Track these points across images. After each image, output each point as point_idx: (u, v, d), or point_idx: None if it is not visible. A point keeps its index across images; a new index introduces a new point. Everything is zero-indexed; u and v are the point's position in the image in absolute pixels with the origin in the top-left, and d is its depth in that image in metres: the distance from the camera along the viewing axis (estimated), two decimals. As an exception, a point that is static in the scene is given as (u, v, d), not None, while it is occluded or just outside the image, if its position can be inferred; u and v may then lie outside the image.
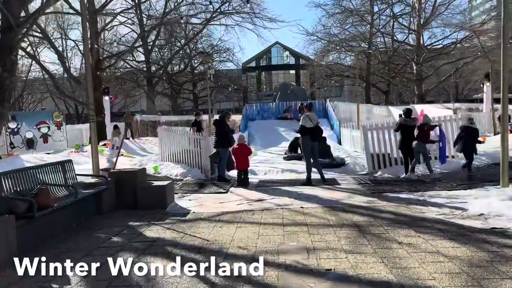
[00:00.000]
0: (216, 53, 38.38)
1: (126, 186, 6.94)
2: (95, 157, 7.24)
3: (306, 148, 8.90)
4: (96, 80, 21.34)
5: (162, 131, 12.41)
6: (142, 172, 7.21)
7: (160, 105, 42.33)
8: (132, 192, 6.90)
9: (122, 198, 6.91)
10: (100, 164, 12.65)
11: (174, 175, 10.69)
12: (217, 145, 9.70)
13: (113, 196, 6.82)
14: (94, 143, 7.32)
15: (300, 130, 8.95)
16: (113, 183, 6.88)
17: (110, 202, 6.71)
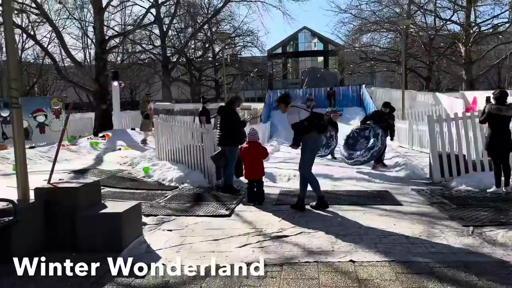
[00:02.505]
0: (239, 36, 35.47)
1: (62, 213, 4.26)
2: (21, 165, 4.57)
3: (312, 150, 5.67)
4: (100, 62, 19.00)
5: (159, 123, 9.72)
6: (89, 190, 4.49)
7: (183, 94, 39.95)
8: (71, 223, 4.21)
9: (55, 232, 4.24)
10: (85, 164, 10.22)
11: (168, 179, 8.01)
12: (222, 142, 6.95)
13: (38, 230, 4.15)
14: (19, 141, 4.65)
15: (296, 130, 5.56)
16: (41, 208, 4.21)
17: (30, 240, 4.04)
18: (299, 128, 5.51)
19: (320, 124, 5.59)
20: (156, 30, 31.14)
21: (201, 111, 10.28)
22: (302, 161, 5.68)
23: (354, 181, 7.62)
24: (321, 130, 5.66)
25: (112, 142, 14.01)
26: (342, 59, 36.86)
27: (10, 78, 4.56)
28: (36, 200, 4.26)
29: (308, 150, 5.62)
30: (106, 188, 7.33)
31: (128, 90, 43.38)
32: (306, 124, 5.47)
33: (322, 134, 5.79)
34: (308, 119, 5.53)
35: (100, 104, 18.97)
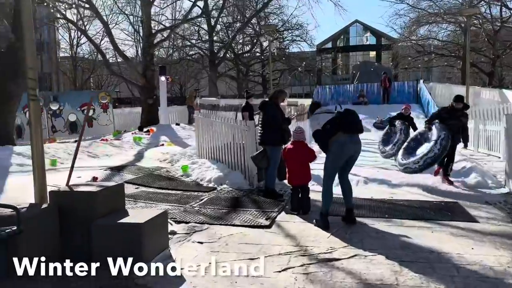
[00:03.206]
0: (287, 30, 34.59)
1: (77, 220, 3.74)
2: (38, 166, 4.08)
3: (336, 155, 4.66)
4: (148, 57, 18.91)
5: (200, 119, 9.17)
6: (109, 194, 3.92)
7: (230, 89, 39.73)
8: (87, 233, 3.68)
9: (70, 242, 3.73)
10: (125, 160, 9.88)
11: (207, 180, 7.41)
12: (264, 141, 6.23)
13: (50, 239, 3.64)
14: (36, 138, 4.18)
15: (316, 139, 4.82)
16: (55, 214, 3.70)
17: (39, 252, 3.53)
18: (320, 135, 4.73)
19: (347, 121, 4.65)
20: (205, 25, 30.98)
21: (244, 107, 9.61)
22: (324, 168, 4.84)
23: (415, 189, 6.63)
24: (350, 129, 4.66)
25: (155, 137, 13.73)
26: (396, 53, 34.97)
27: (27, 66, 4.08)
28: (50, 205, 3.75)
29: (330, 155, 4.70)
30: (141, 187, 6.87)
31: (178, 85, 43.81)
32: (329, 127, 4.65)
33: (353, 135, 4.67)
34: (330, 121, 4.70)
35: (146, 98, 18.91)
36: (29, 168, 7.65)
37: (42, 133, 4.25)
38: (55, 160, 8.28)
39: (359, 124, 4.78)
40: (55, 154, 8.87)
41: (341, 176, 4.83)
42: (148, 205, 5.68)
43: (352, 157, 4.73)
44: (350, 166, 4.82)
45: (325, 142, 4.70)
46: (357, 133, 4.72)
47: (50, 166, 8.02)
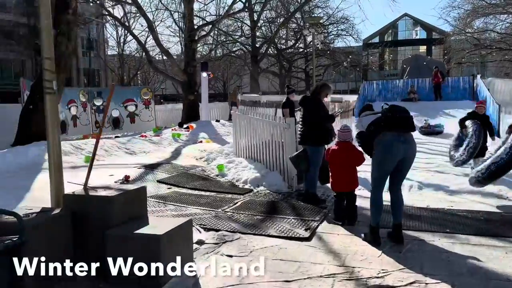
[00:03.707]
0: (332, 24, 33.52)
1: (91, 228, 3.34)
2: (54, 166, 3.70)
3: (382, 158, 3.96)
4: (189, 52, 18.75)
5: (237, 115, 8.69)
6: (128, 200, 3.48)
7: (273, 86, 39.22)
8: (100, 241, 3.26)
9: (83, 252, 3.33)
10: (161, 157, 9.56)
11: (243, 180, 6.92)
12: (304, 140, 5.63)
13: (61, 249, 3.26)
14: (52, 135, 3.80)
15: (360, 141, 4.23)
16: (67, 221, 3.32)
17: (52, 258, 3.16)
18: (364, 135, 4.11)
19: (394, 116, 3.90)
20: (248, 21, 30.61)
21: (284, 103, 9.01)
22: (371, 175, 4.17)
23: (478, 196, 5.78)
24: (397, 125, 3.87)
25: (194, 134, 13.45)
26: (449, 47, 32.98)
27: (43, 56, 3.73)
28: (62, 211, 3.37)
29: (375, 159, 4.02)
30: (173, 188, 6.48)
31: (221, 82, 43.87)
32: (373, 128, 4.00)
33: (402, 133, 3.89)
34: (374, 120, 4.04)
35: (188, 94, 18.77)
36: (63, 165, 7.51)
37: (59, 131, 3.90)
38: (90, 157, 8.07)
39: (409, 119, 3.99)
40: (91, 150, 8.69)
41: (391, 185, 4.12)
42: (178, 208, 5.25)
43: (403, 161, 3.96)
44: (403, 173, 4.08)
45: (369, 143, 4.04)
46: (407, 131, 3.97)
47: (84, 162, 7.83)
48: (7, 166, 6.51)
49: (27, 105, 10.65)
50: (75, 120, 16.34)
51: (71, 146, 8.43)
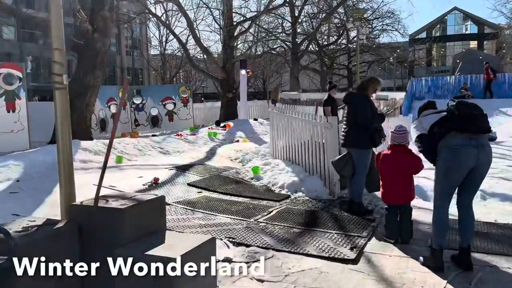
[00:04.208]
0: (377, 18, 32.14)
1: (99, 246, 2.87)
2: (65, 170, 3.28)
3: (449, 166, 3.24)
4: (228, 50, 18.36)
5: (274, 114, 8.11)
6: (143, 213, 2.99)
7: (313, 83, 38.32)
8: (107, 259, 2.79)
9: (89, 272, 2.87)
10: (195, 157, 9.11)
11: (279, 185, 6.34)
12: (347, 142, 4.97)
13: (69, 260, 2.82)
14: (63, 134, 3.39)
15: (420, 145, 3.47)
16: (73, 235, 2.88)
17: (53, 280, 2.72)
18: (426, 139, 3.39)
19: (464, 115, 3.17)
20: (289, 18, 29.92)
21: (326, 100, 8.33)
22: (434, 186, 3.44)
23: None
24: (468, 126, 3.15)
25: (231, 133, 13.00)
26: (503, 41, 30.75)
27: (52, 48, 3.30)
28: (66, 225, 2.92)
29: (439, 166, 3.32)
30: (204, 192, 6.00)
31: (261, 80, 43.43)
32: (437, 129, 3.31)
33: (474, 136, 3.16)
34: (438, 121, 3.34)
35: (226, 92, 18.40)
36: (92, 165, 7.23)
37: (70, 131, 3.46)
38: (121, 157, 7.79)
39: (483, 118, 3.26)
40: (123, 150, 8.44)
41: (460, 198, 3.40)
42: (206, 217, 4.74)
43: (475, 170, 3.22)
44: (475, 184, 3.34)
45: (431, 148, 3.34)
46: (480, 133, 3.23)
47: (115, 163, 7.53)
48: (34, 165, 6.29)
49: (64, 103, 10.57)
50: (115, 118, 16.37)
51: (103, 145, 8.18)
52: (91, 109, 11.07)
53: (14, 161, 6.47)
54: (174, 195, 5.63)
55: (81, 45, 11.05)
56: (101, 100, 15.65)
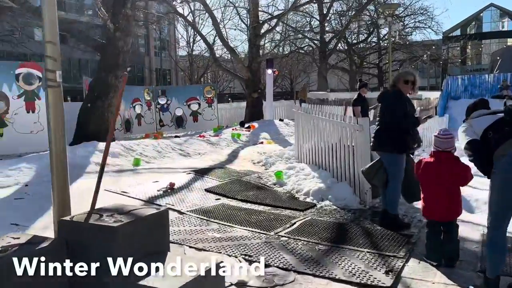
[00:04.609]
0: (409, 16, 30.98)
1: (89, 269, 2.46)
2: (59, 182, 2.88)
3: (506, 191, 2.68)
4: (253, 49, 17.92)
5: (300, 114, 7.58)
6: (139, 230, 2.55)
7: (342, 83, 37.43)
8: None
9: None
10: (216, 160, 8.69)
11: (304, 192, 5.82)
12: (378, 146, 4.42)
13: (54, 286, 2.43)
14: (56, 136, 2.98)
15: (471, 153, 2.85)
16: (60, 255, 2.48)
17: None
18: (478, 146, 2.82)
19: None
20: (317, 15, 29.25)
21: (356, 100, 7.73)
22: (488, 203, 2.86)
23: None
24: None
25: (255, 134, 12.53)
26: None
27: (44, 41, 2.92)
28: (53, 243, 2.53)
29: (495, 181, 2.77)
30: (222, 198, 5.56)
31: (288, 80, 42.86)
32: (492, 134, 2.78)
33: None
34: (494, 124, 2.82)
35: (251, 92, 17.96)
36: (108, 169, 6.86)
37: (65, 136, 3.08)
38: (139, 160, 7.45)
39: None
40: (142, 152, 8.10)
41: None
42: (222, 229, 4.29)
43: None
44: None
45: (485, 157, 2.76)
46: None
47: (132, 166, 7.20)
48: (47, 168, 5.99)
49: (85, 104, 10.40)
50: (140, 119, 16.21)
51: (121, 147, 7.88)
52: (112, 109, 10.83)
53: (27, 164, 6.22)
54: (189, 203, 5.21)
55: (103, 44, 10.85)
56: (126, 101, 15.56)
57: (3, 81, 8.38)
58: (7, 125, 8.43)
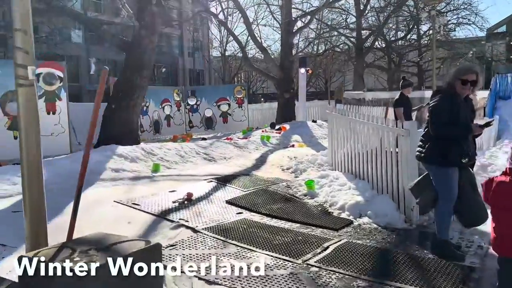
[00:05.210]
0: (452, 11, 29.23)
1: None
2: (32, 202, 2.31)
3: None
4: (286, 47, 17.21)
5: (334, 116, 6.81)
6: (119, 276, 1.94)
7: (379, 82, 35.98)
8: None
9: None
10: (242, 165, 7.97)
11: (339, 206, 5.08)
12: (423, 157, 3.64)
13: None
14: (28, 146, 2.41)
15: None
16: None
17: None
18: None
19: None
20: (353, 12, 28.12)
21: (398, 100, 6.84)
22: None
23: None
24: None
25: (286, 136, 11.82)
26: None
27: (14, 28, 2.36)
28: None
29: None
30: (244, 212, 4.90)
31: (323, 79, 41.80)
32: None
33: None
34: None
35: (283, 92, 17.24)
36: (123, 175, 6.35)
37: (39, 143, 2.52)
38: (158, 165, 6.91)
39: None
40: (164, 156, 7.57)
41: None
42: (240, 253, 3.63)
43: None
44: None
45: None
46: None
47: (151, 172, 6.68)
48: (58, 175, 5.56)
49: (110, 104, 10.03)
50: (169, 120, 15.88)
51: (141, 151, 7.37)
52: (138, 110, 10.43)
53: (37, 169, 5.79)
54: (206, 217, 4.58)
55: (128, 43, 10.46)
56: (156, 102, 15.23)
57: (23, 81, 8.07)
58: (27, 127, 8.12)
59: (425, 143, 3.66)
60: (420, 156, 3.70)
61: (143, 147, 7.69)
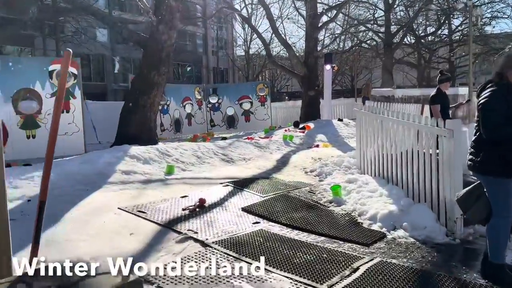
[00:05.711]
0: (486, 4, 27.80)
1: None
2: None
3: None
4: (311, 42, 16.55)
5: (364, 114, 6.19)
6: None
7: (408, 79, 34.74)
8: None
9: None
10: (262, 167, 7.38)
11: (369, 215, 4.49)
12: (474, 166, 3.00)
13: None
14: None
15: None
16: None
17: None
18: None
19: None
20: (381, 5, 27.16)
21: (434, 96, 6.13)
22: None
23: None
24: None
25: (310, 136, 11.21)
26: None
27: None
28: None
29: None
30: (261, 222, 4.38)
31: (349, 77, 40.79)
32: None
33: None
34: None
35: (307, 90, 16.59)
36: (134, 178, 5.89)
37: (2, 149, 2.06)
38: (172, 167, 6.46)
39: None
40: (179, 157, 7.12)
41: None
42: (253, 277, 3.08)
43: None
44: None
45: None
46: None
47: (164, 174, 6.23)
48: (64, 178, 5.18)
49: (127, 103, 9.69)
50: (190, 119, 15.53)
51: (155, 152, 6.94)
52: (155, 108, 10.05)
53: (41, 172, 5.42)
54: (218, 228, 4.08)
55: (146, 39, 10.09)
56: (176, 100, 14.88)
57: (36, 78, 7.80)
58: (39, 126, 7.84)
59: (478, 150, 3.02)
60: (472, 166, 3.06)
61: (158, 148, 7.27)
